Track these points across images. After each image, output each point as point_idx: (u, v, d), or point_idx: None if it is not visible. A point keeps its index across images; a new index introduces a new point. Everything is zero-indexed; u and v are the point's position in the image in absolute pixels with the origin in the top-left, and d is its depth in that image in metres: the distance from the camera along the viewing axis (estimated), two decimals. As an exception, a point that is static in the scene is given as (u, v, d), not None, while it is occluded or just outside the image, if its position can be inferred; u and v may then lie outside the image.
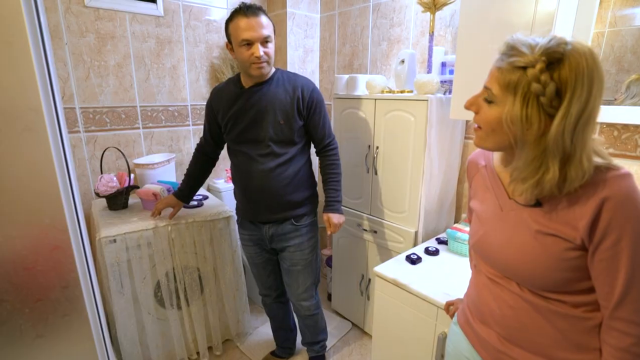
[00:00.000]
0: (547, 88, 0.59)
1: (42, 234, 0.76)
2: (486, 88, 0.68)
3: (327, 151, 1.52)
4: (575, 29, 1.19)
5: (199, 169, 1.66)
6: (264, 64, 1.33)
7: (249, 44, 1.29)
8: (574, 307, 0.69)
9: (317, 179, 1.65)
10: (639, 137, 1.22)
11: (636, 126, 1.22)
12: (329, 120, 1.51)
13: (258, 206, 1.48)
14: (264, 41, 1.30)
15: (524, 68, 0.61)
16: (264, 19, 1.30)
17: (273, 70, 1.42)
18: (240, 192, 1.52)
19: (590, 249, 0.64)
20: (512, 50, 0.63)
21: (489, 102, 0.67)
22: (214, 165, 1.70)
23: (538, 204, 0.69)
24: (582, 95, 0.58)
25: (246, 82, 1.41)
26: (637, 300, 0.62)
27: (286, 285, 1.65)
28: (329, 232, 1.50)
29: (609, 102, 1.23)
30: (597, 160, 0.63)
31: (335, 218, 1.49)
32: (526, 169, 0.65)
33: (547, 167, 0.62)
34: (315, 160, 1.58)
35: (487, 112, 0.68)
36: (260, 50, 1.29)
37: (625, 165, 0.64)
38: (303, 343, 1.82)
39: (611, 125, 1.27)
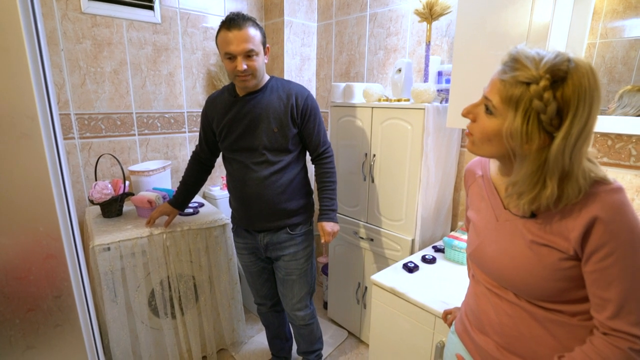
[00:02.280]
0: (549, 107, 0.59)
1: (35, 242, 0.74)
2: (486, 98, 0.67)
3: (322, 159, 1.51)
4: (569, 40, 1.22)
5: (195, 176, 1.65)
6: (248, 77, 1.32)
7: (232, 57, 1.28)
8: (571, 316, 0.69)
9: (313, 187, 1.64)
10: (633, 146, 1.24)
11: (629, 136, 1.23)
12: (324, 127, 1.51)
13: (253, 214, 1.47)
14: (247, 55, 1.28)
15: (527, 84, 0.60)
16: (249, 31, 1.27)
17: (267, 78, 1.42)
18: (235, 200, 1.51)
19: (583, 259, 0.64)
20: (516, 63, 0.62)
21: (490, 112, 0.67)
22: (209, 173, 1.69)
23: (532, 215, 0.70)
24: (583, 115, 0.59)
25: (240, 91, 1.41)
26: (632, 314, 0.62)
27: (281, 295, 1.63)
28: (322, 241, 1.50)
29: (602, 112, 1.24)
30: (592, 175, 0.64)
31: (329, 227, 1.48)
32: (523, 184, 0.65)
33: (545, 184, 0.63)
34: (311, 168, 1.58)
35: (485, 123, 0.68)
36: (242, 64, 1.27)
37: (619, 174, 0.65)
38: (298, 352, 1.80)
39: (605, 135, 1.29)
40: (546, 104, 0.59)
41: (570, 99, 0.58)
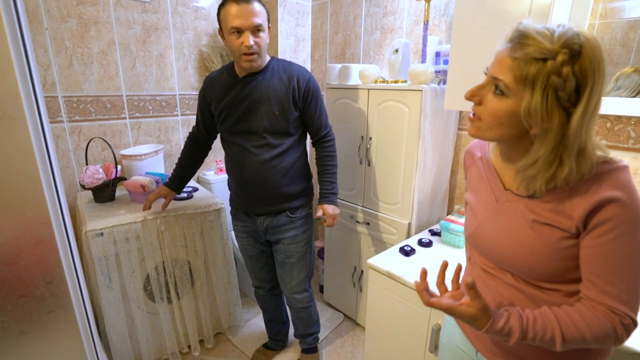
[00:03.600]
0: (568, 83, 0.57)
1: (24, 227, 0.72)
2: (495, 78, 0.64)
3: (324, 142, 1.49)
4: (570, 20, 1.19)
5: (192, 157, 1.62)
6: (254, 56, 1.28)
7: (239, 32, 1.24)
8: (568, 296, 0.69)
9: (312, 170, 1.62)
10: (632, 128, 1.23)
11: (629, 117, 1.22)
12: (325, 111, 1.48)
13: (253, 198, 1.45)
14: (255, 30, 1.25)
15: (544, 59, 0.58)
16: (256, 6, 1.24)
17: (268, 58, 1.38)
18: (235, 184, 1.49)
19: (583, 234, 0.64)
20: (526, 38, 0.60)
21: (500, 92, 0.64)
22: (206, 155, 1.65)
23: (534, 194, 0.69)
24: (598, 89, 0.58)
25: (240, 72, 1.37)
26: (623, 292, 0.62)
27: (280, 278, 1.63)
28: (326, 224, 1.47)
29: (601, 94, 1.23)
30: (597, 152, 0.63)
31: (331, 209, 1.47)
32: (539, 165, 0.63)
33: (562, 162, 0.61)
34: (310, 151, 1.56)
35: (496, 105, 0.65)
36: (250, 39, 1.24)
37: (618, 156, 0.64)
38: (295, 335, 1.81)
39: (604, 117, 1.28)
40: (565, 80, 0.57)
41: (588, 73, 0.57)
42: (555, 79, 0.57)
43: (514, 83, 0.61)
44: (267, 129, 1.36)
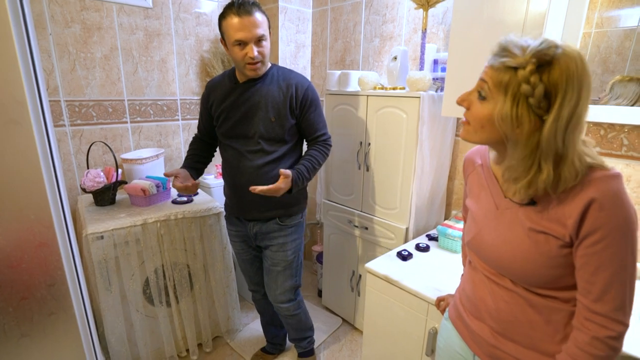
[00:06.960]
0: (536, 89, 0.60)
1: (27, 230, 0.73)
2: (483, 80, 0.68)
3: (319, 142, 1.45)
4: (565, 29, 1.21)
5: (199, 149, 1.56)
6: (258, 64, 1.30)
7: (242, 43, 1.26)
8: (565, 302, 0.70)
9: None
10: (625, 136, 1.25)
11: (622, 125, 1.24)
12: (324, 119, 1.48)
13: (245, 203, 1.46)
14: (258, 40, 1.27)
15: (515, 69, 0.62)
16: (258, 17, 1.25)
17: (269, 65, 1.40)
18: (229, 188, 1.51)
19: (575, 243, 0.65)
20: (504, 51, 0.65)
21: (482, 98, 0.68)
22: (214, 150, 1.62)
23: (532, 202, 0.70)
24: (572, 98, 0.60)
25: (241, 77, 1.39)
26: (616, 299, 0.63)
27: (265, 285, 1.62)
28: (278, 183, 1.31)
29: (594, 102, 1.25)
30: (589, 160, 0.64)
31: (284, 184, 1.31)
32: (518, 169, 0.66)
33: (540, 168, 0.64)
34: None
35: (478, 109, 0.69)
36: (254, 50, 1.25)
37: (611, 163, 0.66)
38: (290, 340, 1.81)
39: (597, 125, 1.29)
40: (533, 87, 0.61)
41: (558, 82, 0.60)
42: (525, 87, 0.61)
43: (493, 88, 0.66)
44: (263, 135, 1.37)
